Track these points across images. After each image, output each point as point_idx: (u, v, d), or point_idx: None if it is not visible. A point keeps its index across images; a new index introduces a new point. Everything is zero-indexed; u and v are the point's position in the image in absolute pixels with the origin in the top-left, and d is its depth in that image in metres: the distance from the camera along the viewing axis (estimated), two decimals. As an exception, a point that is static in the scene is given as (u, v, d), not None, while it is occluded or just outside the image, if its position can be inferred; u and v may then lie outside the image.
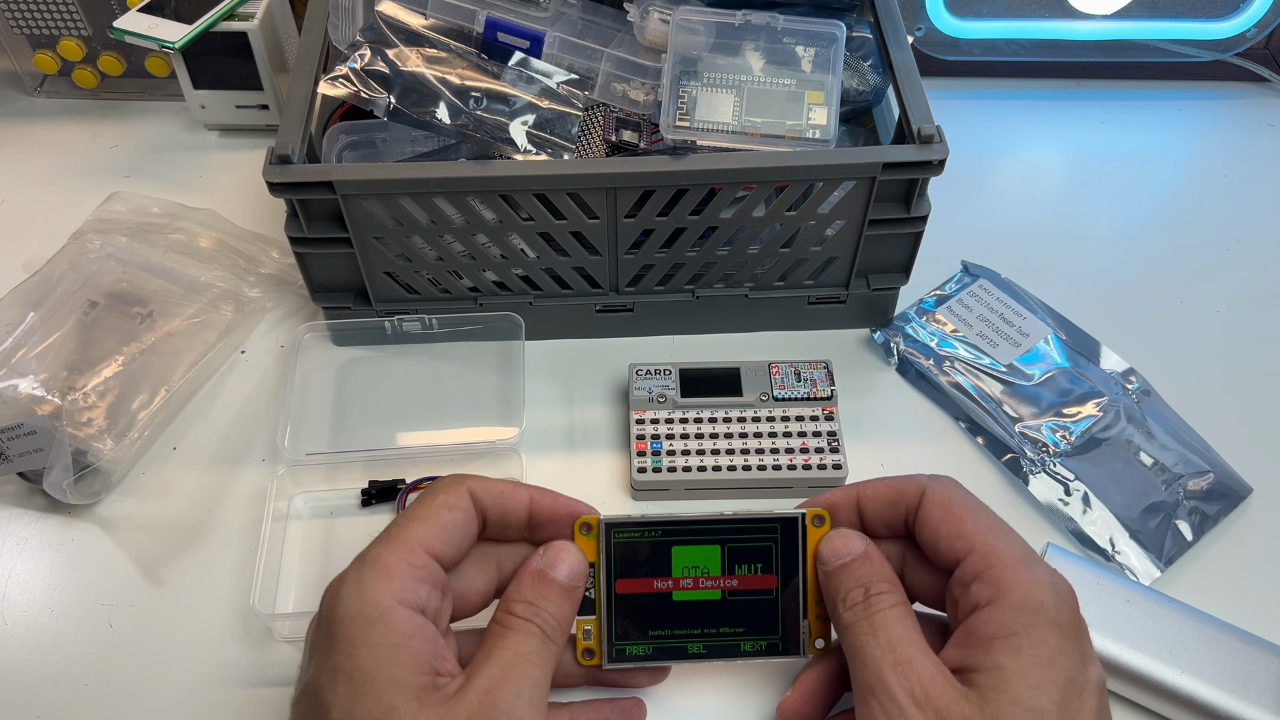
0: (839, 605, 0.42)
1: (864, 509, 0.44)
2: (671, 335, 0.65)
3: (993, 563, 0.39)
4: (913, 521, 0.43)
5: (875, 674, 0.38)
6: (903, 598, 0.42)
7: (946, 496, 0.42)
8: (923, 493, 0.43)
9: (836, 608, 0.42)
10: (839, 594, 0.42)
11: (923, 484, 0.43)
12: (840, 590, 0.42)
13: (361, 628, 0.37)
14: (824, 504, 0.45)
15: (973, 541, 0.40)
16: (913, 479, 0.44)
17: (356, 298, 0.62)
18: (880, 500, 0.44)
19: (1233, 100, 0.81)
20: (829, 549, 0.43)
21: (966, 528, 0.41)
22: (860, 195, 0.57)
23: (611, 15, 0.61)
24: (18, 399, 0.56)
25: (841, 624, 0.42)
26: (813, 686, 0.45)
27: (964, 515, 0.41)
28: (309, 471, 0.57)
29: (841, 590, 0.42)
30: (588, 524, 0.44)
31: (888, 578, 0.42)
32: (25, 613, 0.53)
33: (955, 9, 0.77)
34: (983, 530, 0.41)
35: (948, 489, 0.43)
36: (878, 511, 0.44)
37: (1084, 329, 0.64)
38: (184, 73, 0.73)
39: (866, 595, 0.41)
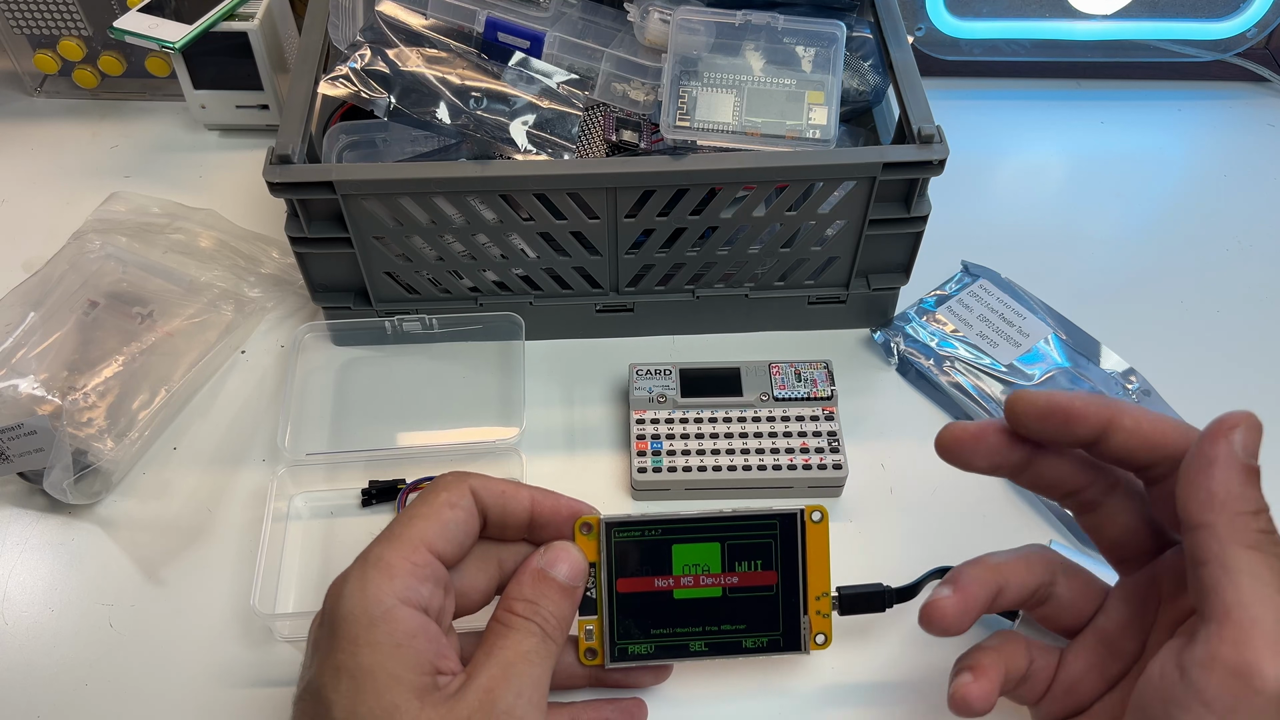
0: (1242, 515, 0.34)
1: (1113, 435, 0.37)
2: (671, 335, 0.65)
3: (1250, 632, 0.32)
4: (1163, 473, 0.38)
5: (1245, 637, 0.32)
6: None
7: None
8: (1188, 441, 0.36)
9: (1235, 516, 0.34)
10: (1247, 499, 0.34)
11: (1190, 434, 0.37)
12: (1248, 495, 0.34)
13: (364, 626, 0.37)
14: (1065, 406, 0.38)
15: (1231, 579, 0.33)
16: (1180, 426, 0.37)
17: (356, 298, 0.62)
18: (1140, 436, 0.37)
19: (1233, 100, 0.81)
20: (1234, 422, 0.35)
21: None
22: (860, 195, 0.57)
23: (611, 15, 0.61)
24: (18, 399, 0.56)
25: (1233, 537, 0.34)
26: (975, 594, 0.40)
27: None
28: (309, 471, 0.57)
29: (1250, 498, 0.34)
30: (588, 524, 0.44)
31: None
32: (25, 613, 0.53)
33: (955, 9, 0.77)
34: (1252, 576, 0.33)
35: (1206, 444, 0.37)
36: (1127, 445, 0.38)
37: (1084, 329, 0.64)
38: (184, 73, 0.73)
39: (1271, 521, 0.34)
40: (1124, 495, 0.41)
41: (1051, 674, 0.41)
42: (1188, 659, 0.33)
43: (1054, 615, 0.42)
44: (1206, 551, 0.34)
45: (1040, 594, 0.42)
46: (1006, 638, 0.42)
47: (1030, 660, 0.41)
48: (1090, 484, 0.40)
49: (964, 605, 0.40)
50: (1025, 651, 0.41)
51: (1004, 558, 0.42)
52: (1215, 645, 0.33)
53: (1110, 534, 0.41)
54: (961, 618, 0.40)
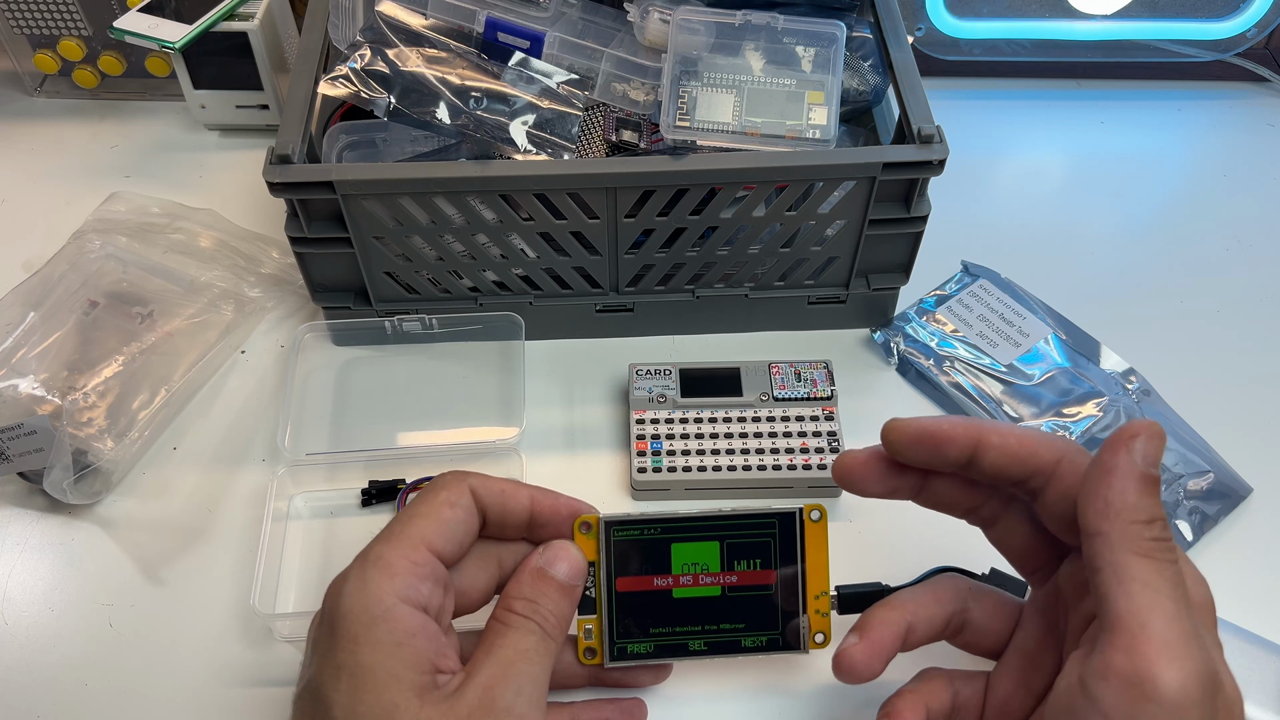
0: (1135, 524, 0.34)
1: (983, 455, 0.39)
2: (671, 335, 0.65)
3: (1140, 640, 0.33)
4: (1038, 486, 0.39)
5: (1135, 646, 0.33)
6: None
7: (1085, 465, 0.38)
8: (1060, 458, 0.38)
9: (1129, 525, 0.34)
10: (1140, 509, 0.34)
11: (1059, 447, 0.38)
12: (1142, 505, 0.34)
13: (364, 625, 0.37)
14: (933, 431, 0.39)
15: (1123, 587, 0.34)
16: (1044, 436, 0.39)
17: (356, 298, 0.62)
18: (1008, 453, 0.39)
19: (1233, 100, 0.81)
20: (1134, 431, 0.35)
21: None
22: (860, 195, 0.57)
23: (611, 15, 0.61)
24: (18, 399, 0.56)
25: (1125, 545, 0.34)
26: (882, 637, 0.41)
27: None
28: (309, 471, 0.57)
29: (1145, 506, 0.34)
30: (587, 523, 0.44)
31: None
32: (25, 613, 0.53)
33: (955, 9, 0.77)
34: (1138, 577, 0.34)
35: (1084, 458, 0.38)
36: (1000, 463, 0.39)
37: (1084, 329, 0.64)
38: (184, 73, 0.73)
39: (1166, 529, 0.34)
40: (1020, 509, 0.42)
41: (981, 701, 0.42)
42: (1086, 670, 0.34)
43: (975, 640, 0.43)
44: (1100, 559, 0.34)
45: (954, 623, 0.43)
46: (926, 676, 0.43)
47: (954, 693, 0.42)
48: (985, 501, 0.42)
49: (871, 651, 0.41)
50: (947, 685, 0.42)
51: (912, 595, 0.43)
52: (1110, 655, 0.33)
53: (1013, 547, 0.42)
54: (870, 663, 0.41)
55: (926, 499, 0.43)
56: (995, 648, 0.43)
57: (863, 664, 0.41)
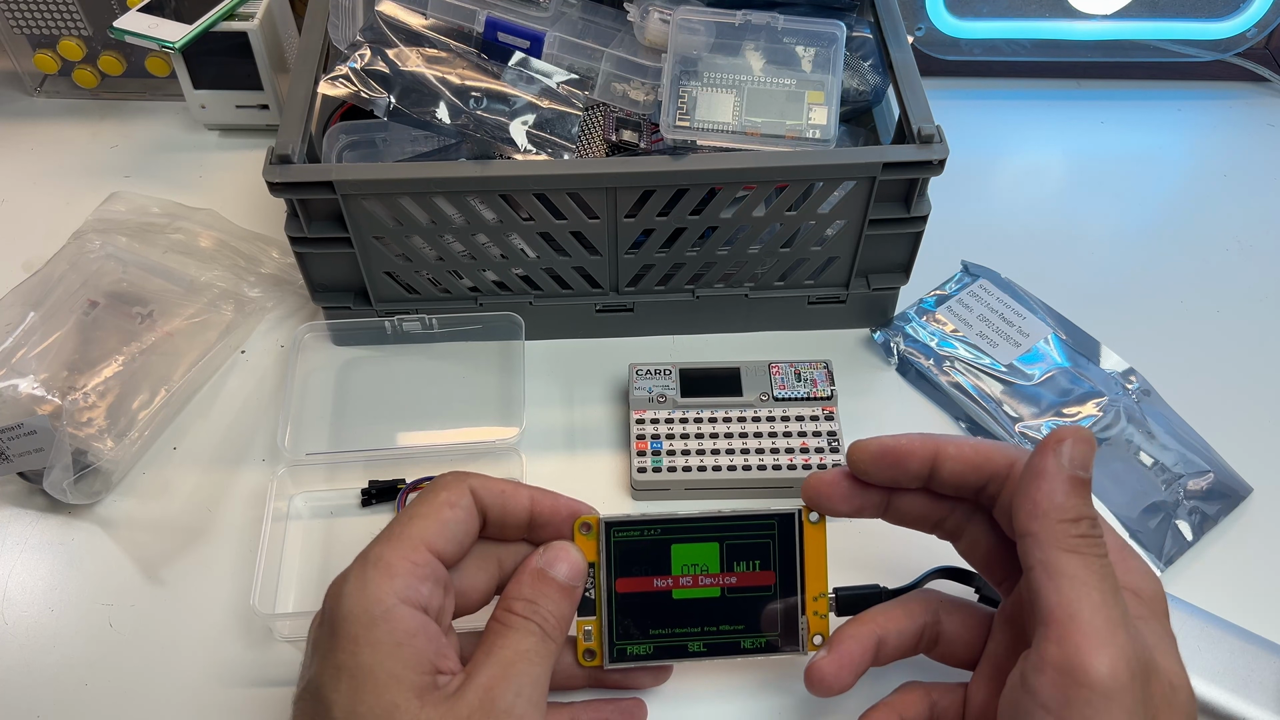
0: (1062, 523, 0.36)
1: (941, 465, 0.41)
2: (671, 335, 0.65)
3: (1070, 630, 0.34)
4: (995, 491, 0.40)
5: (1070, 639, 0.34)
6: None
7: None
8: (1013, 464, 0.40)
9: (1056, 524, 0.36)
10: (1067, 508, 0.36)
11: (1012, 453, 0.40)
12: (1069, 505, 0.36)
13: (364, 626, 0.37)
14: (893, 448, 0.41)
15: (1052, 582, 0.35)
16: (997, 444, 0.41)
17: (356, 298, 0.62)
18: (964, 461, 0.40)
19: (1233, 100, 0.81)
20: (1063, 436, 0.37)
21: None
22: (860, 195, 0.57)
23: (611, 15, 0.61)
24: (18, 399, 0.56)
25: (1053, 542, 0.36)
26: (850, 651, 0.42)
27: None
28: (309, 471, 0.57)
29: (1071, 506, 0.36)
30: (587, 524, 0.44)
31: None
32: (25, 613, 0.53)
33: (955, 9, 0.77)
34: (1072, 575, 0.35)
35: None
36: (957, 472, 0.40)
37: (1084, 329, 0.64)
38: (184, 73, 0.73)
39: (1094, 527, 0.36)
40: (982, 519, 0.43)
41: (959, 711, 0.42)
42: (1026, 665, 0.35)
43: (949, 653, 0.44)
44: (1031, 557, 0.36)
45: (928, 636, 0.43)
46: (904, 689, 0.43)
47: (931, 704, 0.42)
48: (948, 514, 0.43)
49: (840, 665, 0.42)
50: (924, 697, 0.43)
51: (883, 609, 0.44)
52: (1044, 647, 0.34)
53: (979, 557, 0.43)
54: (839, 676, 0.42)
55: (893, 515, 0.44)
56: (970, 658, 0.43)
57: (831, 676, 0.42)
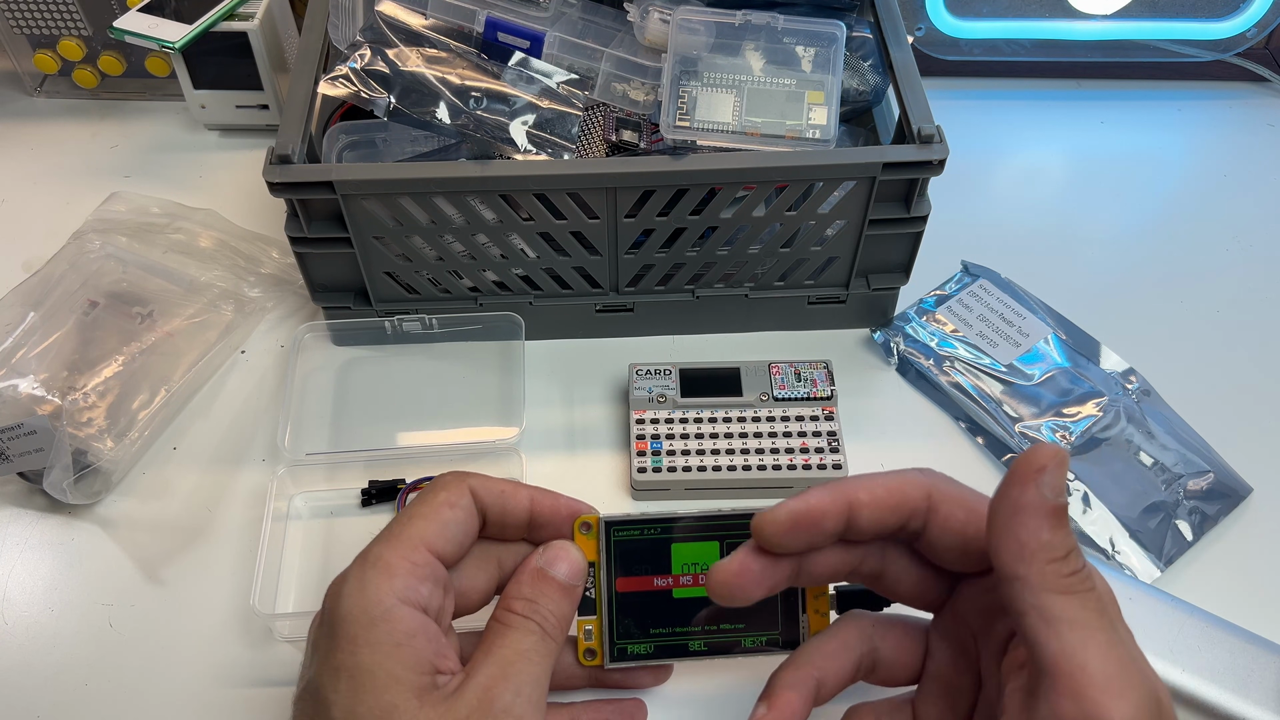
0: (1052, 563, 0.34)
1: (857, 515, 0.39)
2: (671, 335, 0.65)
3: (1081, 682, 0.32)
4: (916, 527, 0.39)
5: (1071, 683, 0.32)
6: None
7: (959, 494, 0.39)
8: (929, 493, 0.39)
9: (1046, 565, 0.34)
10: (1055, 546, 0.34)
11: (924, 483, 0.39)
12: (1056, 542, 0.34)
13: (364, 626, 0.37)
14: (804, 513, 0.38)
15: (1052, 629, 0.33)
16: (906, 477, 0.39)
17: (356, 298, 0.62)
18: (880, 506, 0.38)
19: (1233, 100, 0.81)
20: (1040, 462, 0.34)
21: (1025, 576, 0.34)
22: (860, 195, 0.57)
23: (611, 15, 0.61)
24: (18, 399, 0.56)
25: (1045, 585, 0.34)
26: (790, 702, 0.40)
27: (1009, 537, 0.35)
28: (309, 471, 0.57)
29: (1058, 543, 0.34)
30: (587, 523, 0.44)
31: None
32: (25, 613, 0.53)
33: (955, 9, 0.77)
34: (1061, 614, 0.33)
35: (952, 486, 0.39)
36: (875, 518, 0.39)
37: (1084, 329, 0.64)
38: (184, 73, 0.73)
39: (1080, 557, 0.34)
40: (899, 553, 0.41)
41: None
42: None
43: (889, 676, 0.42)
44: (1023, 603, 0.34)
45: (864, 665, 0.42)
46: (852, 713, 0.42)
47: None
48: (862, 558, 0.41)
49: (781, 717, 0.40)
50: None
51: (816, 648, 0.42)
52: (1055, 702, 0.32)
53: (905, 591, 0.41)
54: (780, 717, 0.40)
55: (805, 579, 0.41)
56: (910, 677, 0.42)
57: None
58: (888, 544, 0.41)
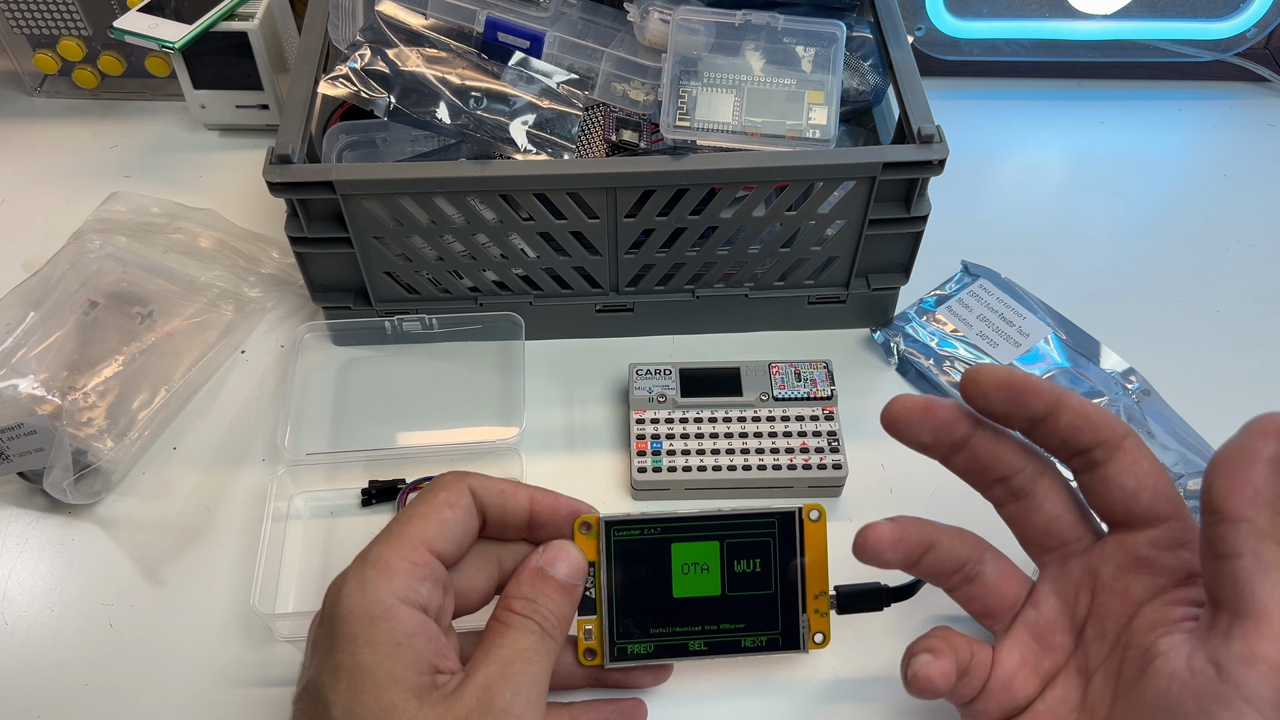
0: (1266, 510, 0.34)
1: (1060, 415, 0.39)
2: (671, 335, 0.65)
3: None
4: (1102, 457, 0.39)
5: None
6: None
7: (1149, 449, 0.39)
8: (1127, 434, 0.39)
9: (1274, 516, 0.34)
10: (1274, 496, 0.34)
11: (1125, 425, 0.39)
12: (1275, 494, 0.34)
13: (364, 626, 0.37)
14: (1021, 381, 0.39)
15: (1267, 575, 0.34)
16: (1115, 417, 0.39)
17: (356, 298, 0.62)
18: (1085, 417, 0.38)
19: (1233, 100, 0.81)
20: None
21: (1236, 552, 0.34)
22: (860, 195, 0.57)
23: (611, 15, 0.61)
24: (18, 399, 0.56)
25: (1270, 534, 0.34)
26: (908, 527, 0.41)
27: None
28: (309, 471, 0.57)
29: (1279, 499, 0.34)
30: (587, 523, 0.44)
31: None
32: (25, 613, 0.53)
33: (955, 9, 0.77)
34: None
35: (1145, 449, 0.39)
36: (1075, 425, 0.39)
37: (1084, 329, 0.64)
38: (184, 73, 0.73)
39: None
40: (1052, 482, 0.42)
41: (988, 670, 0.41)
42: (1225, 655, 0.34)
43: (980, 595, 0.43)
44: (1241, 545, 0.34)
45: (969, 569, 0.42)
46: (945, 631, 0.42)
47: (972, 654, 0.41)
48: (1023, 468, 0.41)
49: (899, 535, 0.41)
50: (968, 644, 0.42)
51: (940, 524, 0.43)
52: (1254, 642, 0.33)
53: (1037, 522, 0.42)
54: (895, 546, 0.41)
55: (965, 459, 0.41)
56: (996, 610, 0.42)
57: (888, 542, 0.41)
58: (1043, 472, 0.41)
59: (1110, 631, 0.39)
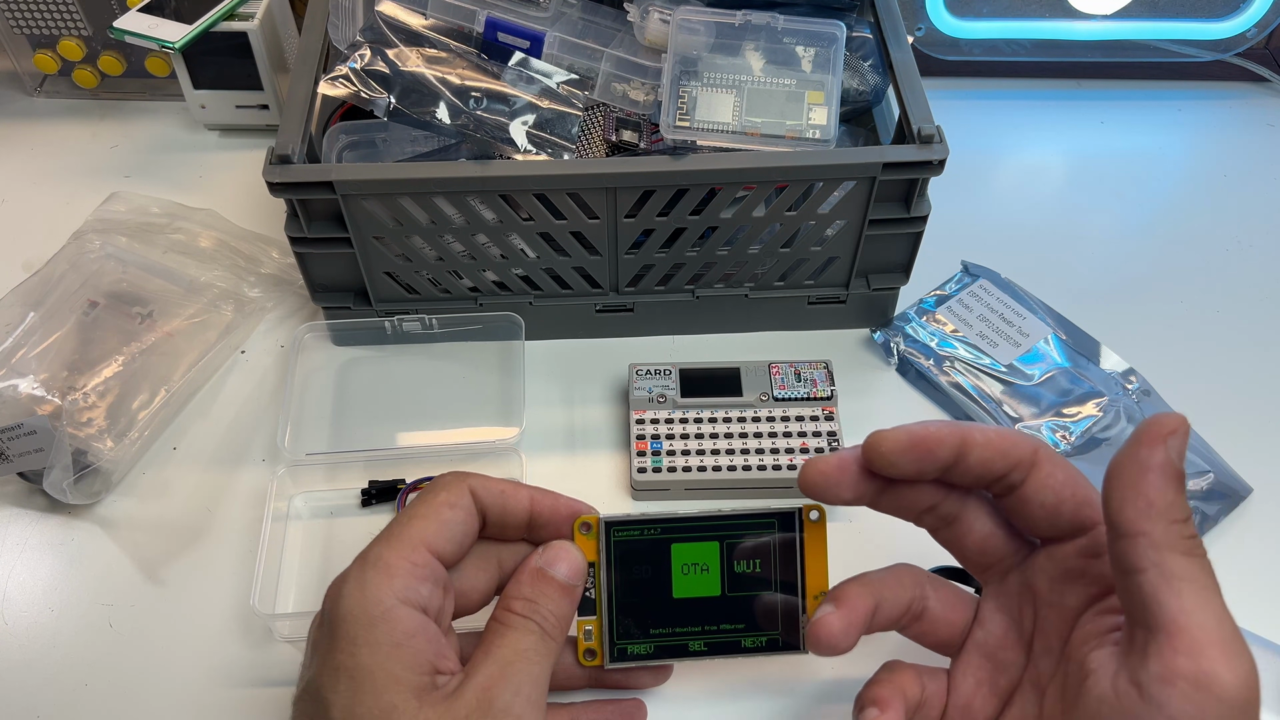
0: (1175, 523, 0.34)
1: (969, 454, 0.38)
2: (671, 335, 0.65)
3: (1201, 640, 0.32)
4: (1017, 480, 0.39)
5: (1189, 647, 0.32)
6: None
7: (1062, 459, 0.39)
8: (1036, 450, 0.38)
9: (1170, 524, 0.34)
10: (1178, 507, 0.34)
11: (1033, 440, 0.39)
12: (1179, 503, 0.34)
13: (363, 627, 0.37)
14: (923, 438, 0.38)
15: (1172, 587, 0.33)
16: (1023, 435, 0.39)
17: (356, 298, 0.62)
18: (992, 448, 0.38)
19: (1233, 100, 0.81)
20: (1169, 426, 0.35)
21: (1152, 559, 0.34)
22: (860, 195, 0.57)
23: (611, 15, 0.61)
24: (18, 399, 0.56)
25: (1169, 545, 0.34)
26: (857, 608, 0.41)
27: None
28: (309, 471, 0.57)
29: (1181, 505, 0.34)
30: (587, 523, 0.44)
31: None
32: (25, 613, 0.53)
33: (955, 9, 0.77)
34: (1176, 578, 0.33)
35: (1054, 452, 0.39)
36: (985, 459, 0.38)
37: (1084, 329, 0.64)
38: (184, 73, 0.73)
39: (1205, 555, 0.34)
40: (978, 504, 0.42)
41: (944, 698, 0.41)
42: (1144, 676, 0.33)
43: (930, 630, 0.43)
44: (1144, 559, 0.34)
45: (915, 609, 0.42)
46: (895, 667, 0.42)
47: (923, 686, 0.41)
48: (945, 497, 0.41)
49: (849, 620, 0.40)
50: (917, 678, 0.41)
51: (877, 574, 0.42)
52: (1170, 658, 0.33)
53: (971, 544, 0.42)
54: (847, 633, 0.40)
55: (888, 502, 0.42)
56: (949, 639, 0.42)
57: (840, 633, 0.40)
58: (967, 496, 0.41)
59: (1055, 645, 0.39)
